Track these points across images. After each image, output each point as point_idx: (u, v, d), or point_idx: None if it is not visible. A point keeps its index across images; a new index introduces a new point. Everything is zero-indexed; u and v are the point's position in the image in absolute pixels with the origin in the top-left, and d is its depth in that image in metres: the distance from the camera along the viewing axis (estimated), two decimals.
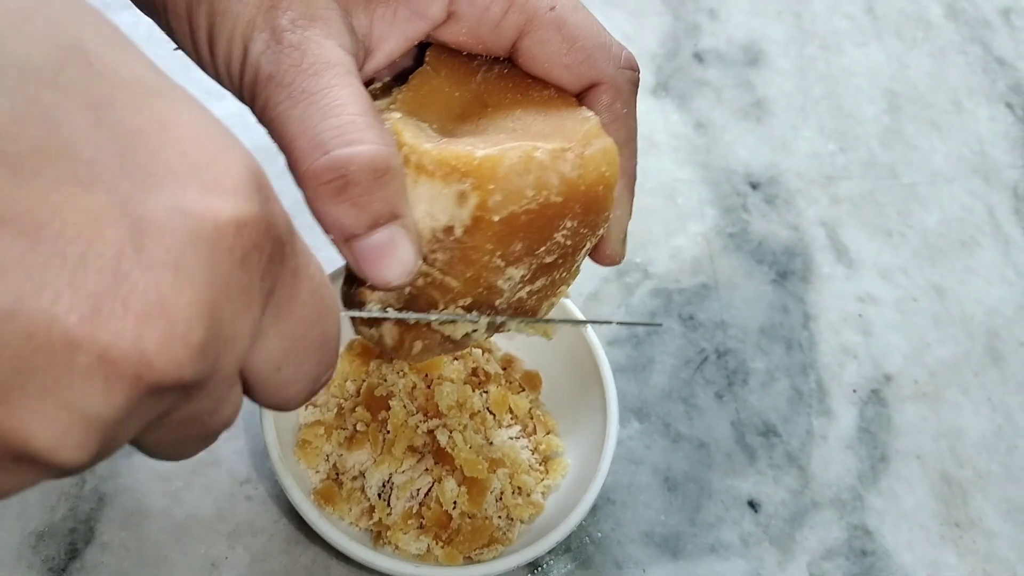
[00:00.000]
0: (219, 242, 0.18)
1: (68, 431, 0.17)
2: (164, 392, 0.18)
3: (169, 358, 0.17)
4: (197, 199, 0.17)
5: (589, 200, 0.31)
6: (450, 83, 0.34)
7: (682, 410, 0.52)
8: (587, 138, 0.31)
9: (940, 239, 0.61)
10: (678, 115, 0.64)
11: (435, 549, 0.42)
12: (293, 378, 0.22)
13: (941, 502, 0.51)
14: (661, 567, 0.46)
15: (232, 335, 0.19)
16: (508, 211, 0.30)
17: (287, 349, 0.21)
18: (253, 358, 0.20)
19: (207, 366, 0.18)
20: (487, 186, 0.29)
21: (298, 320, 0.21)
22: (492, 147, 0.30)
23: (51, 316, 0.16)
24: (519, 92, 0.34)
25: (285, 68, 0.28)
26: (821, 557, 0.48)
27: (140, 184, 0.17)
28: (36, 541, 0.42)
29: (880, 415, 0.53)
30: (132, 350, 0.16)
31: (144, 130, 0.17)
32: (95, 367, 0.16)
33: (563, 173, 0.30)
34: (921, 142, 0.66)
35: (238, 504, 0.44)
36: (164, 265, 0.17)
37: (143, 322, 0.17)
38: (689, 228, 0.59)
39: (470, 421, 0.45)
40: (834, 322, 0.56)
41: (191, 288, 0.17)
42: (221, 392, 0.20)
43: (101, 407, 0.17)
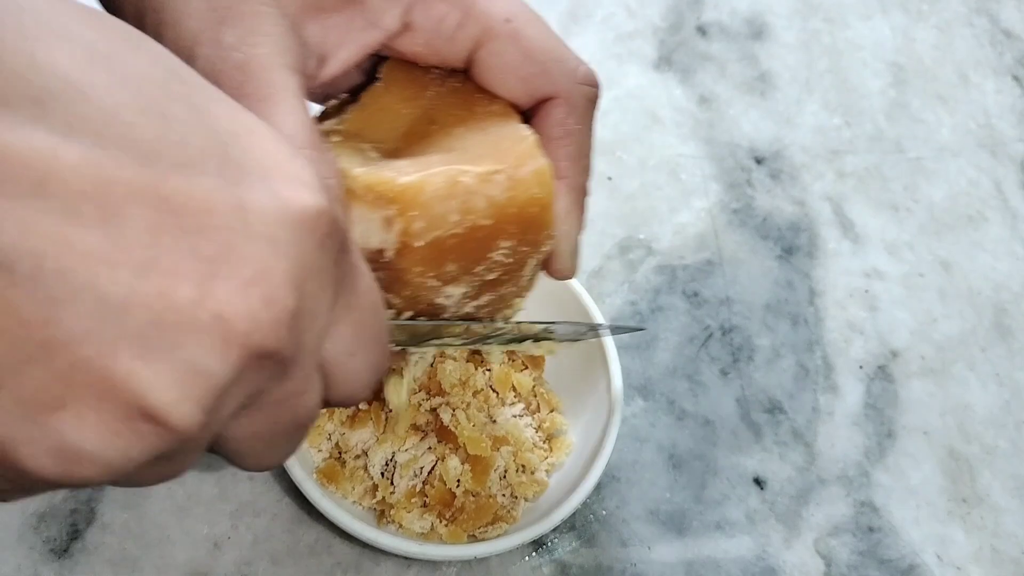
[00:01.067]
0: (305, 224, 0.20)
1: (185, 387, 0.18)
2: (264, 360, 0.19)
3: (272, 322, 0.19)
4: (286, 189, 0.20)
5: (523, 221, 0.31)
6: (400, 99, 0.33)
7: (687, 387, 0.51)
8: (521, 158, 0.31)
9: (946, 214, 0.60)
10: (681, 89, 0.63)
11: (439, 527, 0.42)
12: (362, 366, 0.23)
13: (948, 478, 0.50)
14: (666, 544, 0.46)
15: (315, 311, 0.21)
16: (433, 236, 0.29)
17: (356, 337, 0.23)
18: (328, 344, 0.22)
19: (297, 337, 0.20)
20: (410, 212, 0.29)
21: (362, 309, 0.23)
22: (416, 173, 0.30)
23: (177, 277, 0.18)
24: (465, 108, 0.33)
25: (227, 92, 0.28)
26: (828, 534, 0.48)
27: (240, 173, 0.19)
28: (37, 522, 0.42)
29: (887, 391, 0.53)
30: (242, 310, 0.18)
31: (236, 133, 0.20)
32: (212, 326, 0.18)
33: (491, 196, 0.30)
34: (927, 116, 0.65)
35: (240, 483, 0.44)
36: (264, 238, 0.19)
37: (250, 286, 0.18)
38: (693, 204, 0.58)
39: (473, 399, 0.45)
40: (840, 298, 0.56)
41: (285, 260, 0.19)
42: (308, 371, 0.21)
43: (215, 364, 0.18)
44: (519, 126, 0.32)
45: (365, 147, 0.32)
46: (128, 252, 0.17)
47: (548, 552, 0.45)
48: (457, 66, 0.33)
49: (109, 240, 0.17)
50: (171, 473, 0.21)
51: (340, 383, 0.23)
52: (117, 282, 0.17)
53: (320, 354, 0.22)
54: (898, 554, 0.48)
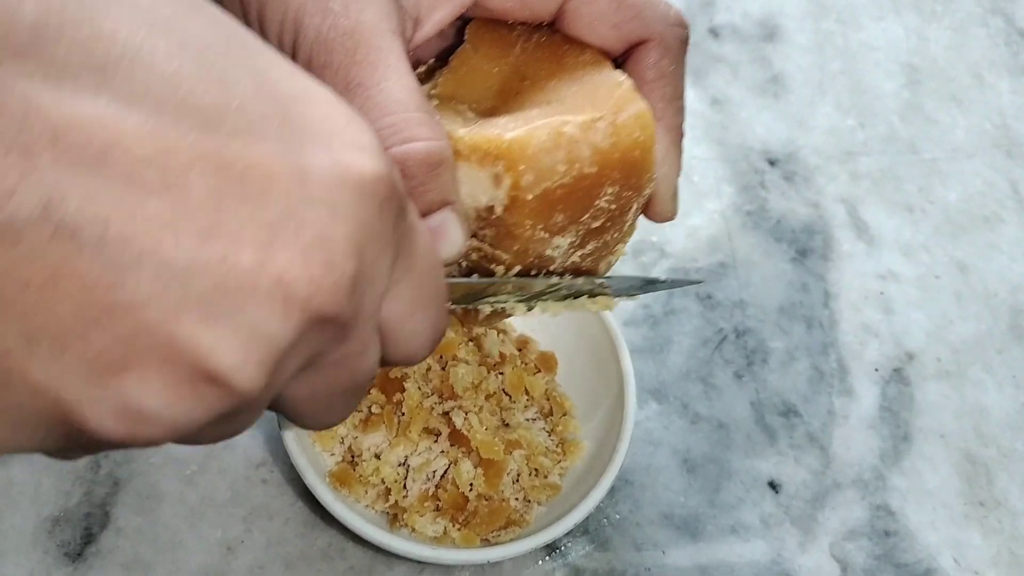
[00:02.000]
0: (364, 189, 0.20)
1: (244, 350, 0.18)
2: (325, 323, 0.19)
3: (332, 286, 0.19)
4: (348, 154, 0.20)
5: (626, 166, 0.31)
6: (488, 59, 0.34)
7: (701, 390, 0.51)
8: (619, 104, 0.31)
9: (962, 215, 0.60)
10: (693, 92, 0.63)
11: (452, 531, 0.42)
12: (421, 327, 0.24)
13: (965, 481, 0.50)
14: (680, 549, 0.46)
15: (374, 275, 0.21)
16: (542, 188, 0.30)
17: (415, 298, 0.23)
18: (387, 306, 0.22)
19: (357, 301, 0.20)
20: (518, 167, 0.30)
21: (420, 270, 0.23)
22: (520, 128, 0.30)
23: (234, 243, 0.18)
24: (555, 61, 0.34)
25: (339, 59, 0.29)
26: (843, 538, 0.47)
27: (299, 138, 0.19)
28: (52, 526, 0.42)
29: (902, 394, 0.52)
30: (303, 275, 0.18)
31: (295, 97, 0.20)
32: (273, 290, 0.18)
33: (595, 144, 0.30)
34: (942, 117, 0.64)
35: (254, 487, 0.44)
36: (324, 204, 0.19)
37: (310, 251, 0.19)
38: (706, 206, 0.58)
39: (486, 403, 0.45)
40: (855, 300, 0.55)
41: (345, 225, 0.19)
42: (367, 333, 0.22)
43: (277, 329, 0.18)
44: (613, 72, 0.33)
45: (462, 108, 0.33)
46: (190, 218, 0.17)
47: (561, 556, 0.45)
48: (545, 19, 0.34)
49: (172, 206, 0.17)
50: (232, 431, 0.21)
51: (400, 343, 0.24)
52: (180, 247, 0.17)
53: (379, 316, 0.22)
54: (915, 558, 0.47)
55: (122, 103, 0.17)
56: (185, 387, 0.18)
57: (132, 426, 0.18)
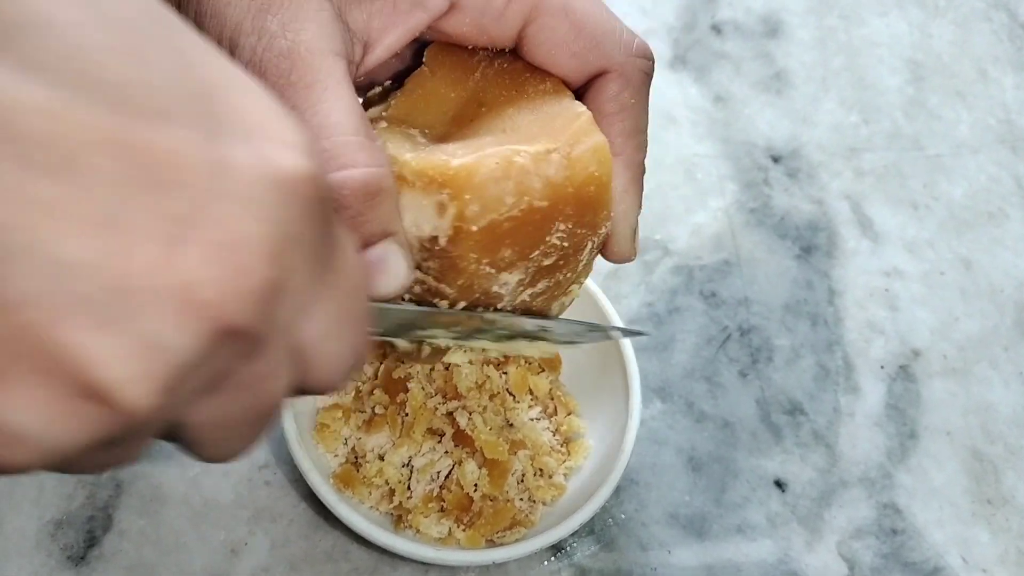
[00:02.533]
0: (288, 187, 0.18)
1: (135, 363, 0.16)
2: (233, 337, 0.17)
3: (242, 293, 0.17)
4: (273, 149, 0.18)
5: (580, 202, 0.30)
6: (446, 83, 0.33)
7: (705, 389, 0.51)
8: (576, 136, 0.30)
9: (967, 211, 0.60)
10: (696, 88, 0.62)
11: (456, 532, 0.42)
12: (340, 351, 0.21)
13: (972, 479, 0.50)
14: (686, 548, 0.46)
15: (293, 286, 0.19)
16: (487, 220, 0.29)
17: (336, 318, 0.21)
18: (305, 325, 0.20)
19: (271, 313, 0.18)
20: (463, 196, 0.28)
21: (343, 290, 0.21)
22: (469, 155, 0.29)
23: (139, 237, 0.16)
24: (514, 88, 0.32)
25: (272, 80, 0.28)
26: (850, 536, 0.47)
27: (221, 128, 0.17)
28: (54, 529, 0.42)
29: (908, 391, 0.52)
30: (211, 279, 0.16)
31: (220, 84, 0.18)
32: (175, 294, 0.16)
33: (547, 176, 0.29)
34: (946, 112, 0.64)
35: (257, 489, 0.44)
36: (242, 200, 0.17)
37: (222, 252, 0.16)
38: (709, 204, 0.57)
39: (490, 403, 0.44)
40: (860, 297, 0.55)
41: (264, 225, 0.17)
42: (279, 354, 0.19)
43: (170, 339, 0.16)
44: (573, 103, 0.32)
45: (413, 133, 0.31)
46: (86, 207, 0.15)
47: (567, 556, 0.44)
48: (505, 45, 0.33)
49: (65, 192, 0.15)
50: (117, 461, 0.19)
51: (316, 368, 0.21)
52: (71, 240, 0.15)
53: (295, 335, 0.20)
54: (922, 556, 0.47)
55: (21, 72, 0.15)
56: (64, 403, 0.16)
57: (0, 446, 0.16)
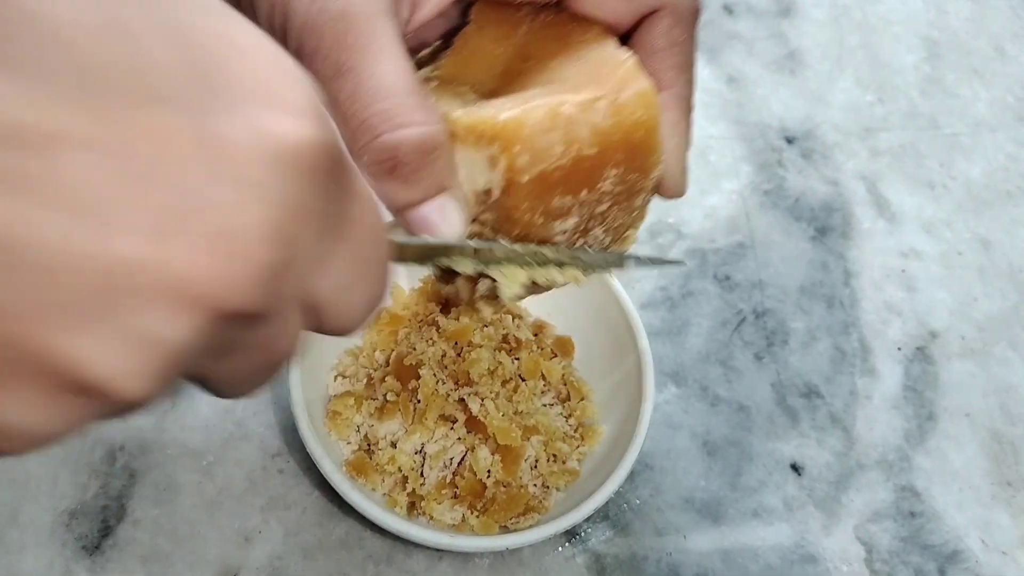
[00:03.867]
0: (293, 162, 0.17)
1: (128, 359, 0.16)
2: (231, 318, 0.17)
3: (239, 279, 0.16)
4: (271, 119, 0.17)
5: (629, 147, 0.30)
6: (493, 40, 0.33)
7: (720, 373, 0.50)
8: (622, 82, 0.30)
9: (985, 190, 0.59)
10: (709, 70, 0.62)
11: (470, 518, 0.42)
12: (356, 299, 0.21)
13: (992, 461, 0.49)
14: (702, 533, 0.45)
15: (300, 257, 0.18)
16: (538, 170, 0.29)
17: (349, 270, 0.20)
18: (318, 281, 0.20)
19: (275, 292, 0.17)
20: (513, 148, 0.29)
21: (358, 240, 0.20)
22: (516, 108, 0.29)
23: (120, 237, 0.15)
24: (559, 40, 0.33)
25: (328, 44, 0.28)
26: (868, 520, 0.47)
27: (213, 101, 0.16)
28: (69, 519, 0.42)
29: (926, 373, 0.51)
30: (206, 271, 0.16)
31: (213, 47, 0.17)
32: (167, 288, 0.15)
33: (594, 124, 0.29)
34: (963, 90, 0.63)
35: (270, 477, 0.44)
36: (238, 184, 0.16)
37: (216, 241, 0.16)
38: (723, 186, 0.57)
39: (502, 388, 0.44)
40: (876, 278, 0.54)
41: (264, 207, 0.16)
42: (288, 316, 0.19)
43: (165, 333, 0.16)
44: (617, 50, 0.32)
45: (463, 90, 0.32)
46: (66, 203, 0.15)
47: (581, 542, 0.44)
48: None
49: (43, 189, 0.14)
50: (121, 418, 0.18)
51: (332, 316, 0.21)
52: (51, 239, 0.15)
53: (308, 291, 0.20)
54: (941, 539, 0.46)
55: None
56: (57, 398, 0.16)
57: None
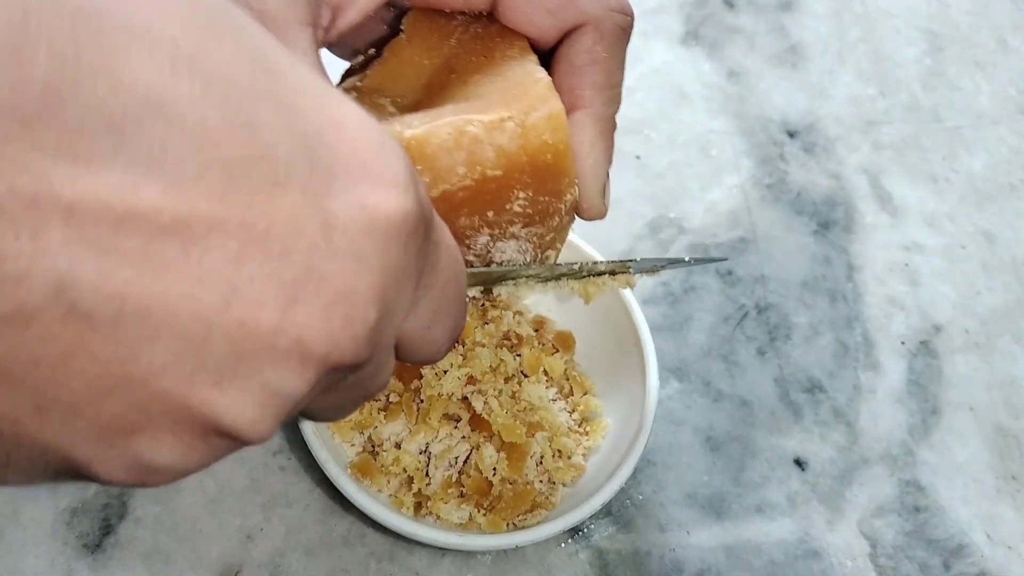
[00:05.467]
0: (390, 232, 0.19)
1: (258, 409, 0.18)
2: (339, 369, 0.19)
3: (351, 339, 0.18)
4: (371, 194, 0.19)
5: (537, 169, 0.29)
6: (422, 50, 0.32)
7: (723, 368, 0.50)
8: (532, 103, 0.29)
9: (988, 183, 0.59)
10: (709, 64, 0.61)
11: (477, 517, 0.41)
12: (440, 334, 0.24)
13: (996, 455, 0.49)
14: (705, 528, 0.45)
15: (395, 311, 0.20)
16: (440, 190, 0.29)
17: (435, 310, 0.23)
18: (407, 324, 0.22)
19: (376, 344, 0.20)
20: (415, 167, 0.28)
21: (442, 284, 0.23)
22: (422, 125, 0.29)
23: (252, 308, 0.17)
24: (484, 54, 0.32)
25: None
26: (872, 515, 0.46)
27: (326, 182, 0.18)
28: (70, 517, 0.41)
29: (930, 367, 0.51)
30: (323, 334, 0.18)
31: (323, 131, 0.19)
32: (292, 350, 0.18)
33: (500, 145, 0.29)
34: (965, 83, 0.63)
35: (272, 475, 0.43)
36: (348, 256, 0.18)
37: (332, 307, 0.18)
38: (724, 181, 0.57)
39: (505, 386, 0.44)
40: (879, 272, 0.54)
41: (369, 275, 0.19)
42: (383, 360, 0.22)
43: (293, 386, 0.18)
44: (535, 68, 0.31)
45: (384, 102, 0.31)
46: (209, 286, 0.17)
47: (585, 538, 0.44)
48: (482, 8, 0.32)
49: (190, 275, 0.16)
50: None
51: (419, 351, 0.24)
52: (197, 317, 0.17)
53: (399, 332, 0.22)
54: (946, 534, 0.46)
55: (140, 168, 0.16)
56: (196, 443, 0.18)
57: (143, 477, 0.18)
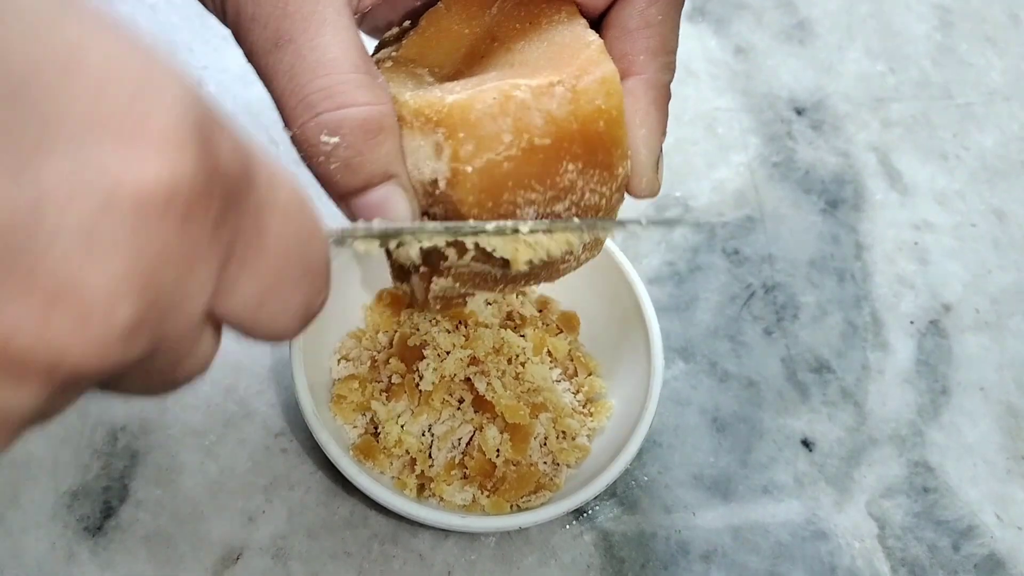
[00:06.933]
0: (146, 209, 0.15)
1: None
2: (93, 376, 0.16)
3: (87, 344, 0.15)
4: (113, 158, 0.14)
5: (588, 138, 0.27)
6: (461, 20, 0.31)
7: (729, 348, 0.49)
8: (583, 67, 0.28)
9: (999, 160, 0.58)
10: (716, 40, 0.60)
11: (481, 499, 0.41)
12: (280, 311, 0.20)
13: (1007, 435, 0.48)
14: (712, 510, 0.45)
15: (180, 299, 0.16)
16: (484, 160, 0.26)
17: (266, 287, 0.19)
18: (227, 304, 0.18)
19: (144, 342, 0.16)
20: (458, 134, 0.26)
21: (273, 255, 0.19)
22: (465, 91, 0.27)
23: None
24: (528, 20, 0.31)
25: (267, 10, 0.26)
26: (880, 495, 0.46)
27: (38, 140, 0.14)
28: (71, 501, 0.41)
29: (939, 346, 0.51)
30: (38, 339, 0.14)
31: (43, 65, 0.14)
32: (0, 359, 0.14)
33: (549, 111, 0.27)
34: (976, 59, 0.62)
35: (273, 457, 0.43)
36: (73, 239, 0.14)
37: (51, 306, 0.14)
38: (731, 159, 0.56)
39: (508, 366, 0.43)
40: (888, 251, 0.53)
41: (111, 263, 0.15)
42: (181, 349, 0.18)
43: (10, 404, 0.15)
44: (585, 31, 0.29)
45: (421, 72, 0.30)
46: None
47: (589, 520, 0.43)
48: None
49: None
50: None
51: (258, 328, 0.20)
52: None
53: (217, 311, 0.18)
54: (955, 515, 0.46)
55: None
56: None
57: None
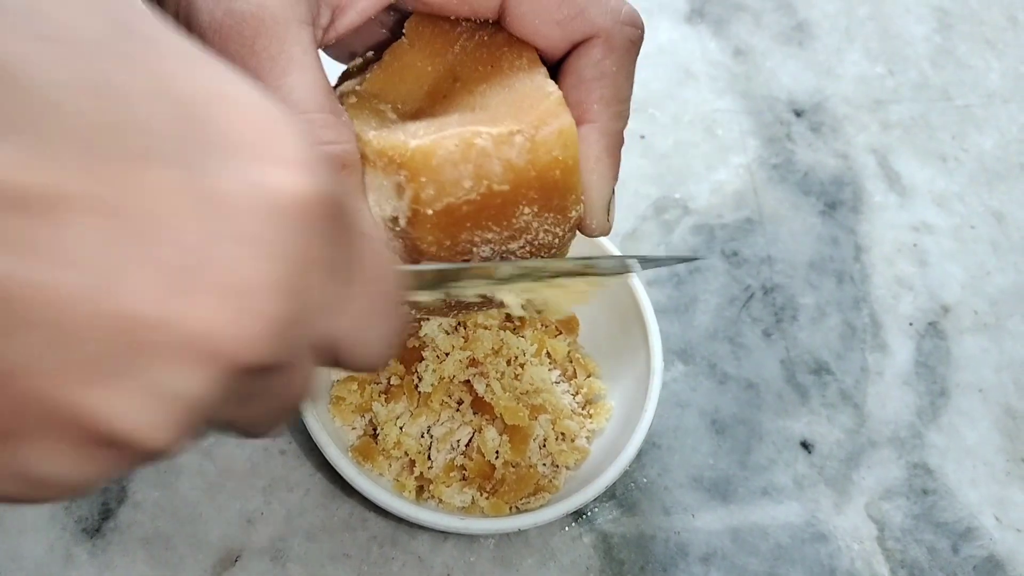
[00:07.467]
0: (299, 215, 0.17)
1: (151, 413, 0.16)
2: (247, 371, 0.17)
3: (255, 334, 0.17)
4: (270, 172, 0.17)
5: (544, 185, 0.29)
6: (425, 56, 0.32)
7: (728, 350, 0.49)
8: (542, 118, 0.29)
9: (998, 163, 0.58)
10: (715, 42, 0.60)
11: (480, 501, 0.41)
12: (373, 337, 0.21)
13: (1006, 437, 0.48)
14: (711, 512, 0.45)
15: (314, 308, 0.18)
16: (444, 203, 0.28)
17: (365, 311, 0.21)
18: (333, 324, 0.20)
19: (288, 343, 0.18)
20: (419, 178, 0.27)
21: (370, 279, 0.20)
22: (428, 135, 0.28)
23: (132, 296, 0.15)
24: (491, 63, 0.31)
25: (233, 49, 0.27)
26: (880, 497, 0.46)
27: (209, 157, 0.16)
28: (69, 502, 0.41)
29: (938, 348, 0.51)
30: (213, 328, 0.16)
31: (200, 100, 0.17)
32: (181, 345, 0.16)
33: (509, 159, 0.28)
34: (975, 61, 0.62)
35: (272, 459, 0.43)
36: (243, 241, 0.16)
37: (223, 300, 0.16)
38: (730, 160, 0.56)
39: (507, 368, 0.43)
40: (887, 253, 0.53)
41: (272, 263, 0.17)
42: (303, 365, 0.19)
43: (184, 387, 0.16)
44: (545, 81, 0.30)
45: (384, 108, 0.30)
46: (77, 269, 0.15)
47: (588, 522, 0.43)
48: (488, 16, 0.31)
49: (53, 257, 0.15)
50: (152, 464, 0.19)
51: (350, 356, 0.21)
52: (65, 305, 0.15)
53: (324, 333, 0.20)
54: (954, 517, 0.46)
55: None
56: (82, 452, 0.16)
57: (30, 490, 0.17)
